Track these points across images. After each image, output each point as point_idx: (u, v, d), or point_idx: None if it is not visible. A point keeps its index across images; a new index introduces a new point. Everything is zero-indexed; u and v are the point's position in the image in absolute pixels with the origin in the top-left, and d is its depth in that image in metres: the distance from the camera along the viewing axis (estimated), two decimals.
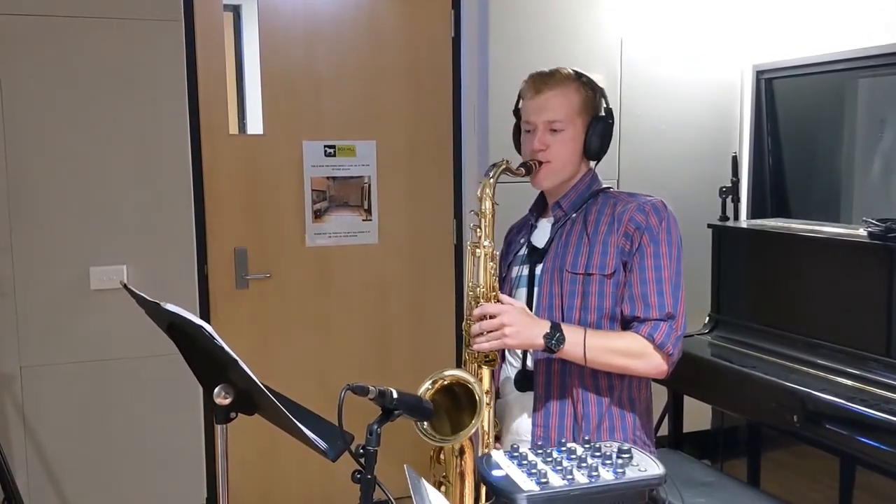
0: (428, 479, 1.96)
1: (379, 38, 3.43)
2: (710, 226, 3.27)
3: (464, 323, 1.94)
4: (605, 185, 2.07)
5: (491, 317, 1.82)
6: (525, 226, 2.16)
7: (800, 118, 3.67)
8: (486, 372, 1.90)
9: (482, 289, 1.89)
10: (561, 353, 1.83)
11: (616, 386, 1.97)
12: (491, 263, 1.89)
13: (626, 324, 1.92)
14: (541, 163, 1.96)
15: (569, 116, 1.96)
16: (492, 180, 1.92)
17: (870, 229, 2.57)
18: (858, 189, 3.45)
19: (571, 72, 2.01)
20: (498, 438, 2.05)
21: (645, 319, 1.88)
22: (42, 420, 3.11)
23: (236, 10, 3.35)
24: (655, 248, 1.89)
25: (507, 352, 2.10)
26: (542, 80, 1.98)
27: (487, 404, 1.87)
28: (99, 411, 3.17)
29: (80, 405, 3.15)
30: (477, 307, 1.87)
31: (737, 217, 3.57)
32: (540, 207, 2.14)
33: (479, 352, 1.88)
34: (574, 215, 2.00)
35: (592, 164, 2.08)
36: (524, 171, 1.97)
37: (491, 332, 1.81)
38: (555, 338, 1.81)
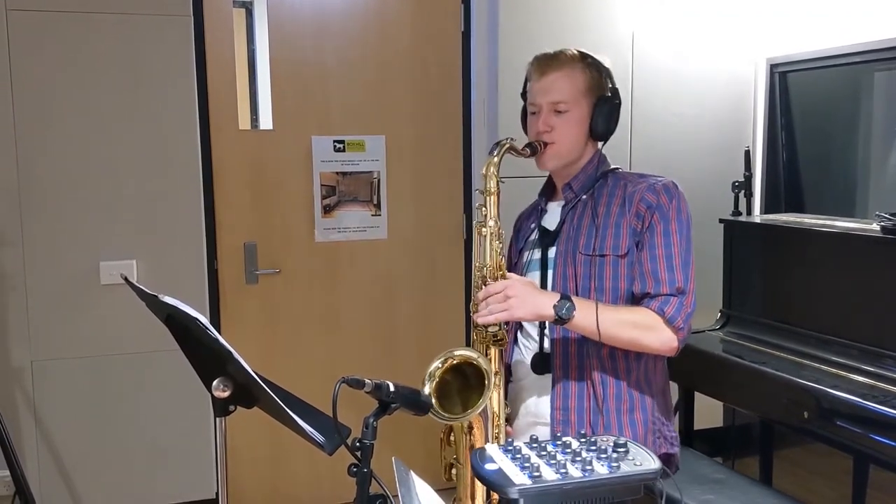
0: (438, 464, 1.95)
1: (388, 32, 3.42)
2: (722, 220, 3.24)
3: (471, 304, 1.92)
4: (613, 166, 2.05)
5: (496, 293, 1.80)
6: (535, 211, 2.14)
7: (814, 112, 3.62)
8: (494, 352, 1.89)
9: (489, 268, 1.88)
10: (572, 324, 1.81)
11: (633, 368, 1.95)
12: (497, 242, 1.88)
13: (637, 300, 1.91)
14: (546, 144, 1.95)
15: (574, 97, 1.94)
16: (496, 159, 1.90)
17: (882, 224, 2.53)
18: (874, 184, 3.41)
19: (576, 52, 1.99)
20: (509, 421, 2.02)
21: (655, 295, 1.86)
22: (52, 414, 3.13)
23: (248, 7, 3.35)
24: (665, 226, 1.88)
25: (520, 334, 2.08)
26: (547, 62, 1.96)
27: (496, 385, 1.86)
28: (109, 405, 3.19)
29: (91, 399, 3.17)
30: (484, 287, 1.85)
31: (749, 212, 3.53)
32: (549, 191, 2.12)
33: (486, 327, 1.85)
34: (584, 197, 1.99)
35: (600, 144, 2.05)
36: (529, 152, 1.95)
37: (496, 304, 1.80)
38: (565, 307, 1.78)
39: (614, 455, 1.24)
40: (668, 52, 3.67)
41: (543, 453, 1.26)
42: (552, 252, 1.98)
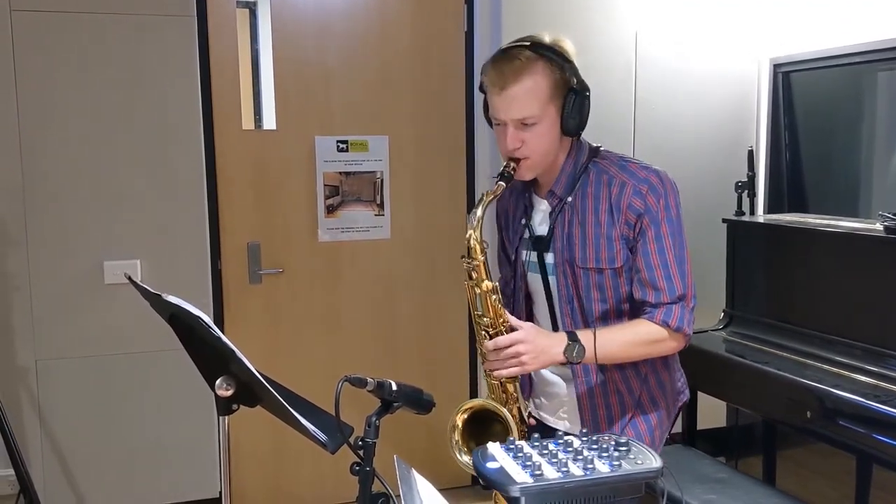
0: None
1: (391, 33, 3.43)
2: (725, 220, 3.24)
3: (477, 342, 1.92)
4: (593, 147, 1.95)
5: (506, 347, 1.80)
6: (520, 197, 2.04)
7: (818, 112, 3.62)
8: (510, 387, 1.92)
9: (489, 319, 1.86)
10: (585, 361, 1.83)
11: None
12: (494, 297, 1.85)
13: (637, 305, 1.89)
14: (519, 159, 1.85)
15: (540, 107, 1.79)
16: (478, 223, 1.84)
17: (886, 223, 2.53)
18: (877, 184, 3.40)
19: (532, 53, 1.79)
20: (529, 415, 2.04)
21: (656, 304, 1.85)
22: (56, 413, 3.14)
23: (252, 8, 3.36)
24: (656, 230, 1.84)
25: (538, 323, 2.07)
26: (504, 73, 1.79)
27: (515, 402, 1.90)
28: (113, 405, 3.20)
29: (95, 398, 3.18)
30: (488, 338, 1.84)
31: (753, 212, 3.53)
32: (532, 180, 1.99)
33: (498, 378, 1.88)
34: (570, 199, 1.91)
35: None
36: (505, 184, 1.85)
37: (508, 359, 1.80)
38: (575, 350, 1.80)
39: (616, 454, 1.24)
40: (671, 52, 3.67)
41: (545, 452, 1.26)
42: (549, 258, 1.96)
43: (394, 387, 1.48)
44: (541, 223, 1.99)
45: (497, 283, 1.88)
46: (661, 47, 3.65)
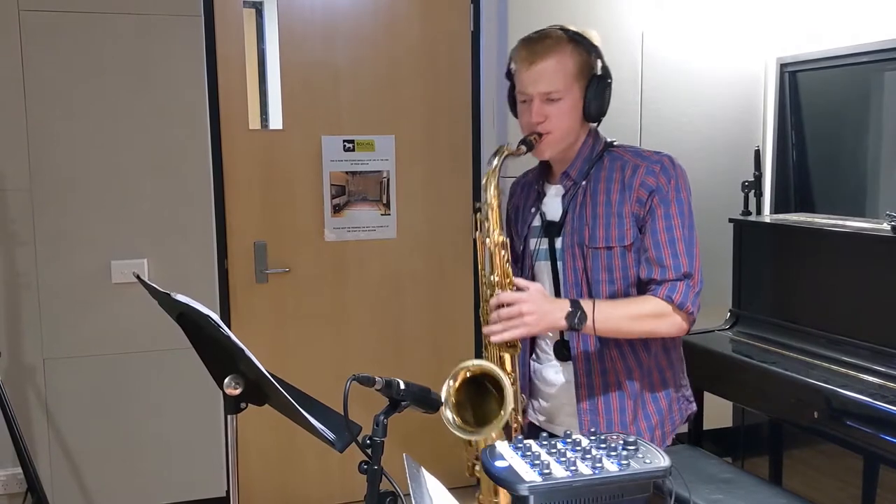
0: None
1: (397, 32, 3.43)
2: (731, 220, 3.23)
3: (480, 309, 1.93)
4: (608, 140, 2.01)
5: (508, 305, 1.79)
6: (531, 189, 2.09)
7: (825, 112, 3.61)
8: (507, 357, 1.90)
9: (497, 277, 1.86)
10: (586, 329, 1.82)
11: (651, 343, 1.97)
12: (503, 252, 1.87)
13: (643, 284, 1.90)
14: (541, 134, 1.90)
15: (566, 84, 1.88)
16: (495, 170, 1.88)
17: (893, 223, 2.53)
18: (884, 183, 3.39)
19: (562, 33, 1.91)
20: (524, 412, 2.03)
21: (662, 281, 1.86)
22: (64, 412, 3.15)
23: (258, 8, 3.37)
24: (665, 209, 1.87)
25: None
26: (534, 50, 1.89)
27: (512, 384, 1.87)
28: (120, 403, 3.21)
29: (102, 397, 3.19)
30: (493, 296, 1.84)
31: (759, 211, 3.53)
32: (545, 171, 2.07)
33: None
34: (584, 183, 1.95)
35: (594, 123, 2.02)
36: (525, 149, 1.90)
37: (510, 319, 1.79)
38: (577, 316, 1.79)
39: (624, 453, 1.24)
40: (677, 52, 3.67)
41: (553, 450, 1.26)
42: (559, 243, 1.97)
43: (402, 385, 1.48)
44: (553, 209, 2.01)
45: (507, 239, 1.90)
46: (667, 47, 3.65)
